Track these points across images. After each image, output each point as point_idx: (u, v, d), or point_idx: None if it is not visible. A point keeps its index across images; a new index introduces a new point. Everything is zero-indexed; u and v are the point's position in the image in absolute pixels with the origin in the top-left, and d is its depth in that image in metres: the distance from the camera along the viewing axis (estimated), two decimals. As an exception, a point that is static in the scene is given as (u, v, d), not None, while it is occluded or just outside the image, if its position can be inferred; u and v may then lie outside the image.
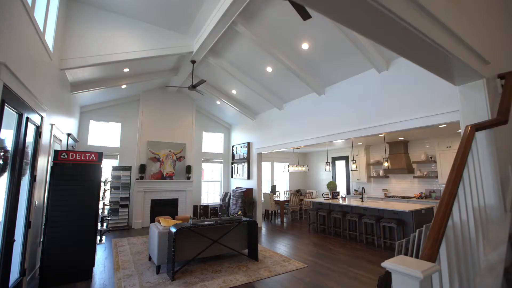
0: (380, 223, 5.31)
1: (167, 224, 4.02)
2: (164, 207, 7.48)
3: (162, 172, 7.52)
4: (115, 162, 7.49)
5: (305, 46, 4.51)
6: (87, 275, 3.44)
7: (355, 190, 9.12)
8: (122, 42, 4.71)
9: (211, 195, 9.16)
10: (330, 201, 6.77)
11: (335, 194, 7.33)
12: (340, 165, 10.26)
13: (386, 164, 5.75)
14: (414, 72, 3.95)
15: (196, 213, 8.27)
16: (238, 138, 8.92)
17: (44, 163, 3.67)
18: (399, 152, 7.81)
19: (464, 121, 2.52)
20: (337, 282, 3.52)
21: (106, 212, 3.91)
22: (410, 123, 3.95)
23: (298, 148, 9.80)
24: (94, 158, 3.68)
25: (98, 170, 3.70)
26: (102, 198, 3.74)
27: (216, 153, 9.30)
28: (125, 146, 7.63)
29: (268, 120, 7.37)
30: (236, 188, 8.35)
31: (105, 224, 3.90)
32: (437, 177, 7.03)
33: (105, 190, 4.18)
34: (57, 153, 3.48)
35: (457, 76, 2.30)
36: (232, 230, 4.36)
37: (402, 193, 7.87)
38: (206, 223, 3.91)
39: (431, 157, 7.23)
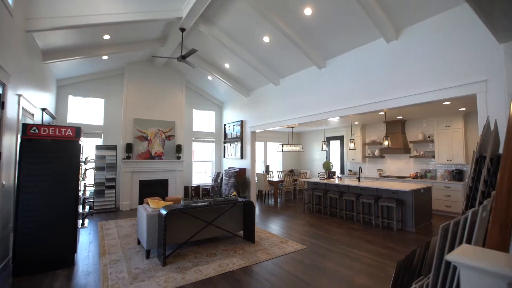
0: (379, 203, 5.19)
1: (156, 205, 3.70)
2: (153, 188, 7.15)
3: (150, 152, 7.10)
4: (99, 141, 6.99)
5: (308, 11, 4.04)
6: (69, 262, 3.13)
7: (349, 170, 9.02)
8: (101, 3, 4.10)
9: (202, 176, 8.87)
10: (326, 181, 6.61)
11: (331, 174, 7.17)
12: (335, 145, 10.10)
13: (386, 142, 5.54)
14: (427, 42, 3.60)
15: (187, 194, 8.00)
16: (231, 116, 8.50)
17: (12, 140, 3.21)
18: (396, 132, 7.63)
19: (509, 86, 2.20)
20: (338, 264, 3.36)
21: (88, 193, 3.54)
22: (420, 97, 3.67)
23: (292, 127, 9.51)
24: (71, 133, 3.25)
25: (76, 147, 3.28)
26: (82, 178, 3.34)
27: (208, 132, 8.89)
28: (110, 124, 7.10)
29: (263, 97, 6.97)
30: (229, 168, 8.07)
31: (87, 207, 3.54)
32: (433, 156, 6.95)
33: (85, 170, 3.78)
34: (25, 127, 3.02)
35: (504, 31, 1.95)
36: (227, 211, 4.10)
37: (397, 173, 7.81)
38: (199, 204, 3.62)
39: (428, 137, 7.09)
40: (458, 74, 3.30)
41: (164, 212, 3.28)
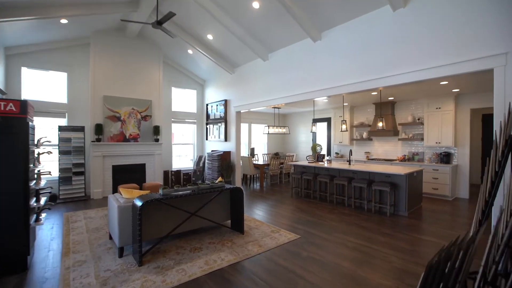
0: (372, 187, 4.98)
1: (130, 195, 3.17)
2: (129, 174, 6.50)
3: (124, 134, 6.38)
4: (63, 121, 6.14)
5: (306, -31, 3.47)
6: (20, 267, 2.57)
7: (336, 153, 8.84)
8: None
9: (183, 159, 8.29)
10: (315, 165, 6.32)
11: (320, 157, 6.89)
12: (321, 127, 9.83)
13: (380, 124, 5.28)
14: (440, 9, 3.20)
15: (167, 179, 7.43)
16: (214, 96, 7.86)
17: None
18: (386, 114, 7.44)
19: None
20: (337, 255, 3.08)
21: (43, 183, 2.92)
22: (428, 73, 3.32)
23: (279, 108, 9.06)
24: (13, 108, 2.56)
25: (22, 126, 2.61)
26: (34, 165, 2.72)
27: (188, 113, 8.21)
28: (75, 102, 6.23)
29: (249, 74, 6.38)
30: (212, 151, 7.55)
31: (43, 199, 2.93)
32: (422, 139, 6.86)
33: (39, 154, 3.12)
34: None
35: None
36: (212, 199, 3.65)
37: (384, 156, 7.72)
38: (181, 193, 3.13)
39: (418, 119, 6.96)
40: (474, 47, 2.95)
41: (139, 203, 2.77)
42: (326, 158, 6.74)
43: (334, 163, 6.48)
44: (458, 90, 5.77)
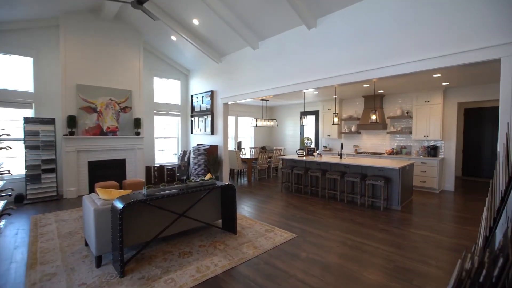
0: (366, 181, 4.88)
1: (108, 196, 2.78)
2: (107, 170, 6.00)
3: (101, 126, 5.84)
4: (29, 113, 5.49)
5: None
6: (-27, 284, 2.15)
7: (324, 146, 8.74)
8: None
9: (166, 154, 7.83)
10: (305, 159, 6.15)
11: (310, 151, 6.73)
12: (309, 120, 9.68)
13: (374, 117, 5.16)
14: (445, -6, 3.03)
15: (149, 175, 6.98)
16: (199, 86, 7.42)
17: None
18: (375, 107, 7.38)
19: None
20: (339, 255, 2.91)
21: (1, 183, 2.47)
22: (432, 62, 3.16)
23: (267, 101, 8.79)
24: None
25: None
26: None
27: (172, 104, 7.72)
28: (43, 91, 5.58)
29: (238, 63, 6.03)
30: (198, 145, 7.17)
31: (2, 202, 2.49)
32: (410, 132, 6.88)
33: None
34: None
35: None
36: (202, 198, 3.34)
37: (373, 149, 7.71)
38: (167, 192, 2.80)
39: (407, 112, 6.96)
40: (479, 36, 2.82)
41: (119, 205, 2.41)
42: (317, 151, 6.59)
43: (325, 157, 6.34)
44: (447, 83, 5.78)
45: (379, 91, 6.90)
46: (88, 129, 5.67)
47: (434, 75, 4.99)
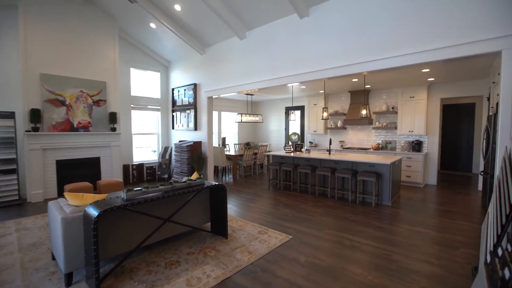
0: (357, 177, 4.79)
1: (80, 201, 2.38)
2: (79, 170, 5.43)
3: (71, 121, 5.25)
4: (-16, 105, 4.80)
5: None
6: None
7: (310, 142, 8.66)
8: None
9: (146, 151, 7.31)
10: (293, 155, 5.98)
11: (298, 147, 6.57)
12: (294, 115, 9.54)
13: (364, 112, 5.07)
14: (445, -17, 2.92)
15: (127, 174, 6.46)
16: (181, 79, 6.97)
17: None
18: (360, 102, 7.37)
19: None
20: (339, 257, 2.74)
21: None
22: (434, 54, 3.05)
23: (252, 95, 8.52)
24: None
25: None
26: None
27: (151, 98, 7.20)
28: (0, 80, 4.89)
29: (223, 54, 5.68)
30: (180, 141, 6.75)
31: None
32: (395, 128, 6.94)
33: None
34: None
35: None
36: (190, 200, 3.02)
37: (358, 144, 7.73)
38: (151, 195, 2.46)
39: (392, 108, 7.01)
40: (481, 27, 2.74)
41: (94, 212, 2.04)
42: (305, 147, 6.44)
43: (313, 153, 6.21)
44: (433, 79, 5.84)
45: (366, 86, 6.87)
46: (56, 124, 5.07)
47: (423, 70, 4.99)
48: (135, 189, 2.43)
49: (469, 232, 3.46)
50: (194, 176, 3.32)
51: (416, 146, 6.55)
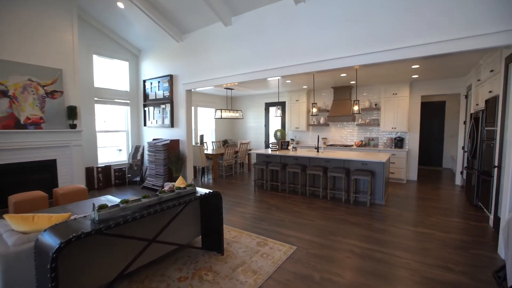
0: (351, 176, 4.57)
1: (29, 226, 1.73)
2: (29, 176, 4.49)
3: (17, 116, 4.29)
4: None
5: None
6: None
7: (291, 139, 8.39)
8: None
9: (113, 152, 6.43)
10: (280, 153, 5.63)
11: (284, 145, 6.23)
12: (274, 112, 9.21)
13: (356, 107, 4.87)
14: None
15: (91, 179, 5.58)
16: (154, 69, 6.20)
17: None
18: (344, 98, 7.26)
19: None
20: (357, 270, 2.42)
21: None
22: (442, 46, 2.84)
23: (231, 89, 8.00)
24: None
25: None
26: None
27: (118, 91, 6.32)
28: None
29: (205, 42, 5.08)
30: (155, 140, 6.02)
31: None
32: (378, 124, 6.95)
33: None
34: None
35: None
36: (179, 213, 2.47)
37: (341, 141, 7.64)
38: (131, 213, 1.89)
39: (375, 104, 6.99)
40: (494, 18, 2.57)
41: (52, 243, 1.44)
42: (292, 145, 6.13)
43: (301, 151, 5.92)
44: (417, 76, 5.86)
45: (351, 82, 6.75)
46: (-4, 120, 4.09)
47: (413, 66, 4.92)
48: (110, 205, 1.84)
49: (469, 231, 3.40)
50: (179, 182, 2.78)
51: (399, 142, 6.60)
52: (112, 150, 6.38)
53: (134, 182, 6.12)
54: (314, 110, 5.30)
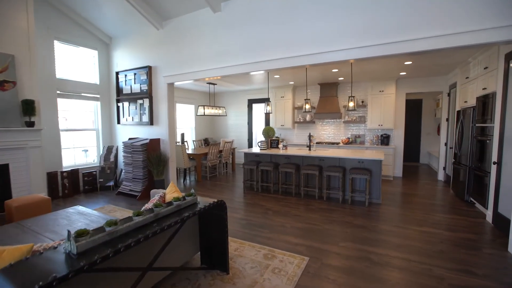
0: (349, 175, 4.38)
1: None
2: (-28, 184, 3.66)
3: (-46, 113, 3.45)
4: None
5: None
6: None
7: (276, 137, 8.12)
8: None
9: (79, 153, 5.62)
10: (270, 152, 5.30)
11: (274, 143, 5.92)
12: (258, 109, 8.89)
13: (352, 104, 4.68)
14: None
15: (55, 186, 4.79)
16: (129, 60, 5.50)
17: None
18: (330, 95, 7.13)
19: None
20: (382, 282, 2.17)
21: None
22: (456, 39, 2.69)
23: (214, 84, 7.50)
24: None
25: None
26: None
27: (86, 83, 5.52)
28: None
29: (190, 30, 4.55)
30: (131, 139, 5.35)
31: None
32: (365, 121, 6.92)
33: None
34: None
35: None
36: (179, 229, 2.02)
37: (328, 138, 7.53)
38: (123, 244, 1.42)
39: (362, 101, 6.95)
40: (493, 13, 2.46)
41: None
42: (282, 143, 5.83)
43: (292, 149, 5.64)
44: (405, 73, 5.87)
45: (339, 79, 6.62)
46: None
47: (406, 63, 4.86)
48: (91, 230, 1.35)
49: (471, 228, 3.36)
50: (171, 190, 2.32)
51: (385, 139, 6.62)
52: (80, 152, 5.58)
53: (107, 188, 5.40)
54: (307, 106, 5.04)
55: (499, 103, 3.44)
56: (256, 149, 5.76)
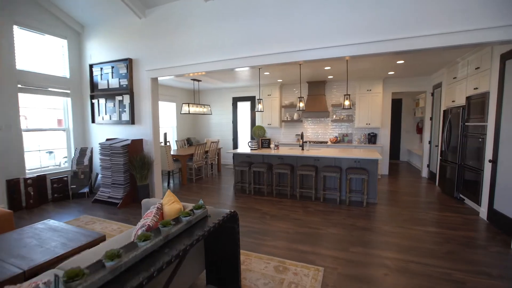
0: (346, 175, 4.28)
1: None
2: None
3: None
4: None
5: None
6: None
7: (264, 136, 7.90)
8: None
9: (46, 156, 4.95)
10: (261, 152, 5.07)
11: (265, 143, 5.68)
12: (243, 107, 8.59)
13: (347, 102, 4.58)
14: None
15: (16, 195, 4.12)
16: (106, 52, 4.93)
17: None
18: (319, 94, 7.06)
19: None
20: (405, 295, 2.03)
21: None
22: (460, 37, 2.63)
23: (199, 81, 7.08)
24: None
25: None
26: None
27: (54, 76, 4.85)
28: None
29: (177, 19, 4.14)
30: (109, 140, 4.81)
31: None
32: (352, 120, 6.93)
33: None
34: None
35: None
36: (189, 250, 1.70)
37: (316, 137, 7.46)
38: (135, 283, 1.09)
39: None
40: (489, 13, 2.44)
41: None
42: (273, 143, 5.61)
43: (284, 149, 5.45)
44: (393, 73, 5.93)
45: (329, 77, 6.55)
46: None
47: (398, 62, 4.87)
48: (85, 269, 1.01)
49: (469, 225, 3.40)
50: (169, 200, 1.98)
51: (372, 138, 6.69)
52: (45, 155, 4.90)
53: (81, 195, 4.81)
54: (301, 104, 4.85)
55: (494, 103, 3.51)
56: (245, 149, 5.48)
